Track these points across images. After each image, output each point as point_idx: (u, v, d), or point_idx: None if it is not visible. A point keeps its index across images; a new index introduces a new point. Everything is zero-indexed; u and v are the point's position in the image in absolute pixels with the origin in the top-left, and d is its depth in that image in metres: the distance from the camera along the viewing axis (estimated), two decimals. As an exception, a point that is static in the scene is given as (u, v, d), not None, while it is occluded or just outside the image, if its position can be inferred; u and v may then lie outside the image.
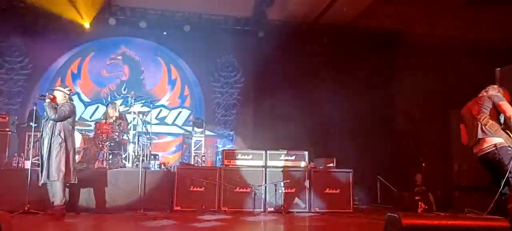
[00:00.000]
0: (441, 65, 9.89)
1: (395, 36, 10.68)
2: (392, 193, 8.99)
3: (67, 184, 6.17)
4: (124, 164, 7.76)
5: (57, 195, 5.95)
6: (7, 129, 7.22)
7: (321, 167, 7.94)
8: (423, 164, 8.68)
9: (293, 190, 7.54)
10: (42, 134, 6.12)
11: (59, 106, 6.07)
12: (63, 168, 5.93)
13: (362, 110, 10.14)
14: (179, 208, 7.11)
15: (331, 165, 7.89)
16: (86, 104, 10.19)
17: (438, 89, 9.47)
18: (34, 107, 6.60)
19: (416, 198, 8.16)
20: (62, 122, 6.05)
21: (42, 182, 6.00)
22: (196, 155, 9.00)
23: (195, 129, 9.40)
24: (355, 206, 7.74)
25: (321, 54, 10.48)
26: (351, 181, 7.70)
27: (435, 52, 9.96)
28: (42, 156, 6.02)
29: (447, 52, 9.84)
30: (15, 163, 7.03)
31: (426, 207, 7.92)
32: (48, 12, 9.27)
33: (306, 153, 7.82)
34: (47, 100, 6.05)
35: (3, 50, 9.75)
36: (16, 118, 7.93)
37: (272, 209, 7.38)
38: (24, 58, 9.85)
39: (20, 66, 9.84)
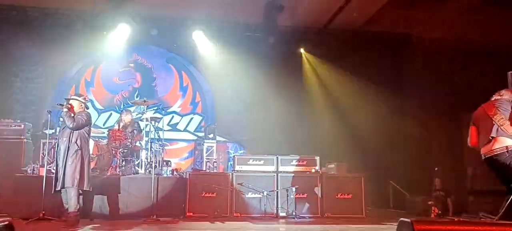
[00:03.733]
0: (452, 69, 9.82)
1: (405, 41, 10.64)
2: (404, 198, 8.92)
3: (81, 191, 6.25)
4: (137, 170, 7.84)
5: (71, 202, 6.03)
6: (22, 137, 7.36)
7: (332, 172, 7.93)
8: (436, 168, 8.60)
9: (304, 195, 7.54)
10: (58, 142, 6.22)
11: (76, 115, 6.17)
12: (78, 175, 6.01)
13: (373, 115, 10.11)
14: (191, 214, 7.16)
15: (343, 170, 7.88)
16: (99, 112, 10.34)
17: (450, 93, 9.41)
18: (49, 116, 6.71)
19: (429, 202, 8.09)
20: (79, 130, 6.16)
21: (57, 188, 6.09)
22: (208, 161, 9.06)
23: (207, 135, 9.47)
24: (367, 211, 7.69)
25: (331, 59, 10.47)
26: (362, 186, 7.68)
27: (446, 56, 9.89)
28: (58, 163, 6.12)
29: (458, 56, 9.77)
30: (30, 170, 7.15)
31: (440, 212, 7.84)
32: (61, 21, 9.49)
33: (317, 158, 7.82)
34: (65, 109, 6.15)
35: (18, 59, 9.93)
36: (31, 125, 8.07)
37: (284, 214, 7.39)
38: (38, 67, 10.03)
39: (35, 75, 10.02)
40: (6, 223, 2.64)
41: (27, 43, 9.79)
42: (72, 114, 6.14)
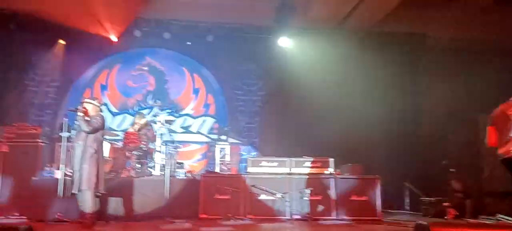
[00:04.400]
0: (468, 69, 9.68)
1: (420, 40, 10.51)
2: (420, 199, 8.81)
3: (97, 194, 6.31)
4: (151, 172, 7.89)
5: (87, 203, 6.09)
6: (39, 140, 7.44)
7: (347, 174, 7.87)
8: (452, 170, 8.49)
9: (319, 197, 7.49)
10: (73, 145, 6.29)
11: (91, 119, 6.23)
12: (93, 178, 6.08)
13: (388, 115, 10.03)
14: (205, 215, 7.17)
15: (358, 171, 7.81)
16: (113, 115, 10.45)
17: (466, 94, 9.27)
18: (65, 119, 6.79)
19: (445, 204, 7.98)
20: (95, 134, 6.22)
21: (73, 191, 6.15)
22: (221, 163, 9.07)
23: (220, 136, 9.49)
24: (382, 213, 7.61)
25: (344, 59, 10.39)
26: (377, 187, 7.58)
27: (462, 55, 9.76)
28: (73, 166, 6.18)
29: (474, 55, 9.63)
30: (46, 173, 7.25)
31: (458, 213, 7.72)
32: (76, 27, 9.64)
33: (331, 159, 7.76)
34: (80, 113, 6.22)
35: (34, 64, 10.12)
36: (47, 129, 8.18)
37: (298, 217, 7.35)
38: (54, 71, 10.19)
39: (50, 79, 10.20)
40: (27, 226, 2.68)
41: (43, 48, 9.96)
42: (88, 118, 6.20)
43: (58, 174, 6.88)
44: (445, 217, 7.71)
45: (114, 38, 9.82)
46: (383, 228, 6.74)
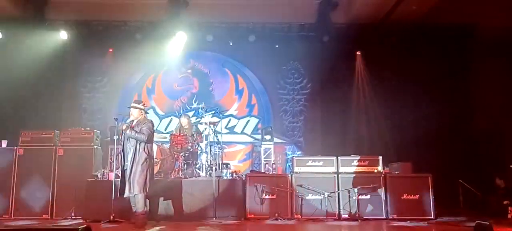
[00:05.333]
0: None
1: (470, 31, 10.02)
2: (476, 198, 8.38)
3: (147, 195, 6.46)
4: (198, 173, 8.01)
5: (139, 205, 6.30)
6: (92, 144, 7.75)
7: (396, 172, 7.63)
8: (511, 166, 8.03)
9: (367, 197, 7.31)
10: (123, 148, 6.50)
11: (140, 128, 6.39)
12: (147, 182, 6.28)
13: (438, 110, 9.64)
14: (252, 215, 7.19)
15: (408, 169, 7.55)
16: (160, 118, 10.72)
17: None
18: (115, 123, 7.04)
19: (505, 202, 7.53)
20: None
21: (125, 195, 6.36)
22: (266, 163, 9.07)
23: (264, 136, 9.50)
24: (436, 212, 7.30)
25: (390, 54, 10.09)
26: (430, 185, 7.30)
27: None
28: (125, 170, 6.38)
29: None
30: (100, 175, 7.55)
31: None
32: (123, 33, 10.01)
33: (380, 158, 7.56)
34: (127, 124, 6.42)
35: (85, 71, 10.59)
36: (99, 132, 8.52)
37: (346, 216, 7.21)
38: (103, 77, 10.63)
39: (100, 85, 10.64)
40: (85, 226, 2.79)
41: (93, 56, 10.40)
42: (136, 129, 6.36)
43: (111, 176, 7.14)
44: (509, 216, 7.28)
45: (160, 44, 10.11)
46: (439, 227, 6.48)
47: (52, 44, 9.83)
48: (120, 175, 6.59)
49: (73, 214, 7.25)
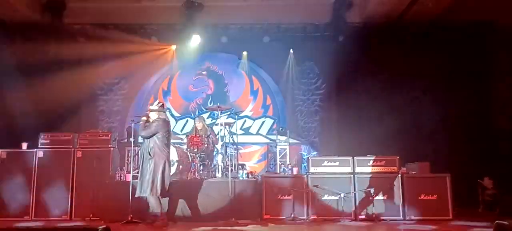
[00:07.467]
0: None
1: (488, 28, 9.84)
2: (496, 198, 8.23)
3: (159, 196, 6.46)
4: (215, 174, 8.05)
5: (153, 206, 6.37)
6: (110, 145, 7.86)
7: (414, 172, 7.54)
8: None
9: (384, 197, 7.25)
10: (140, 149, 6.59)
11: (150, 125, 6.47)
12: (150, 184, 6.28)
13: (455, 109, 9.50)
14: (268, 216, 7.20)
15: (426, 169, 7.46)
16: (176, 119, 10.80)
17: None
18: (132, 124, 7.13)
19: (526, 203, 7.39)
20: (154, 139, 6.41)
21: (136, 195, 6.45)
22: (282, 163, 9.06)
23: (279, 137, 9.49)
24: (454, 212, 7.20)
25: (407, 53, 9.97)
26: (448, 185, 7.20)
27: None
28: (138, 171, 6.47)
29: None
30: (118, 176, 7.65)
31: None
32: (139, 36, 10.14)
33: (397, 158, 7.48)
34: (143, 119, 6.52)
35: (102, 74, 10.69)
36: (116, 134, 8.63)
37: (363, 217, 7.16)
38: (120, 79, 10.77)
39: (118, 88, 10.78)
40: (104, 226, 2.84)
41: (110, 58, 10.52)
42: (147, 124, 6.45)
43: (128, 177, 7.23)
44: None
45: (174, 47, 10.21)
46: (458, 228, 6.38)
47: (70, 48, 9.99)
48: (136, 176, 6.68)
49: (91, 215, 7.34)
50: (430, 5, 8.96)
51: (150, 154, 6.36)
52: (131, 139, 7.25)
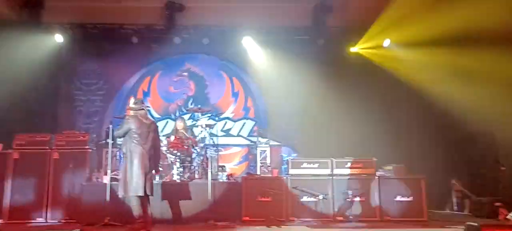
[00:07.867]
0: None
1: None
2: (469, 199, 8.45)
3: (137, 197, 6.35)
4: (194, 176, 8.03)
5: (132, 207, 6.20)
6: (87, 147, 7.75)
7: (390, 174, 7.68)
8: (503, 168, 8.09)
9: (362, 199, 7.36)
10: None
11: (121, 123, 6.41)
12: (122, 183, 6.13)
13: (430, 112, 9.69)
14: (247, 218, 7.22)
15: (401, 172, 7.61)
16: (156, 120, 10.68)
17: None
18: (110, 125, 7.05)
19: (496, 204, 7.62)
20: (127, 137, 6.22)
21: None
22: (262, 165, 9.09)
23: (260, 139, 9.53)
24: (429, 214, 7.37)
25: (383, 56, 10.14)
26: (423, 187, 7.37)
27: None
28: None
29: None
30: (95, 178, 7.55)
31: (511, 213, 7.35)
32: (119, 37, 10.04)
33: (374, 159, 7.61)
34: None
35: (80, 74, 10.58)
36: (94, 135, 8.52)
37: (341, 218, 7.25)
38: (99, 80, 10.62)
39: (96, 88, 10.63)
40: (79, 229, 2.82)
41: (89, 59, 10.40)
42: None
43: (105, 179, 7.15)
44: (500, 218, 7.36)
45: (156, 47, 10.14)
46: (431, 230, 6.53)
47: (48, 48, 9.82)
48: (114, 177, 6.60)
49: (67, 217, 7.21)
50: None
51: (125, 153, 6.27)
52: (109, 140, 7.15)
